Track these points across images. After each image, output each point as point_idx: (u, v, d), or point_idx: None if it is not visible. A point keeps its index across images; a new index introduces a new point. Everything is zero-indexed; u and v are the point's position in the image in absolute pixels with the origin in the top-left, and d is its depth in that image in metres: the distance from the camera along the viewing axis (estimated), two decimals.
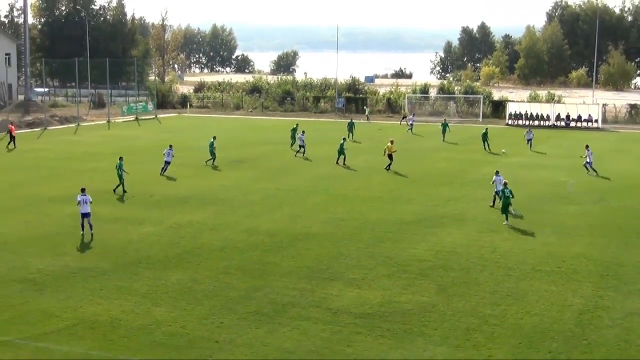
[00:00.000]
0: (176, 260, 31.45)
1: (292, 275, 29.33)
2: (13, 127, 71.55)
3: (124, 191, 45.58)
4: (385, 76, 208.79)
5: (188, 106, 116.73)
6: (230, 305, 25.83)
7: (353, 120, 78.85)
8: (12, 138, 69.10)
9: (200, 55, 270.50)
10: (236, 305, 25.82)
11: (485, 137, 67.43)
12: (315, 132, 74.25)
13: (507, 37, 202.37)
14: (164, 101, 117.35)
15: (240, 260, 31.35)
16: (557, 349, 22.23)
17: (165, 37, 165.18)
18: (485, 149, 66.27)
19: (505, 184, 39.29)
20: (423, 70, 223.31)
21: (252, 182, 50.20)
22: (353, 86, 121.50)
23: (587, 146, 54.78)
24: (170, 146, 54.00)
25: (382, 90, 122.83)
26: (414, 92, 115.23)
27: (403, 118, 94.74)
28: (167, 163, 53.15)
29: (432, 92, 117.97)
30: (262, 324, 24.13)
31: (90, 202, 35.26)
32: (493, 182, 42.55)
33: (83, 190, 35.68)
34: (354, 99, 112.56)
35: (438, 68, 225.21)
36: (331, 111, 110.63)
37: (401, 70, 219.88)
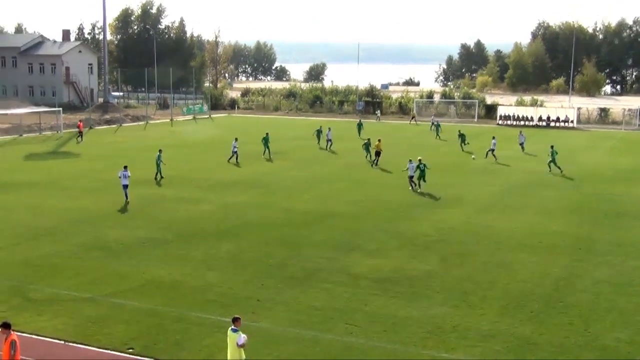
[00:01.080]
0: (226, 233, 31.52)
1: (321, 246, 29.31)
2: (81, 124, 71.32)
3: (161, 177, 45.59)
4: (397, 84, 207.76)
5: (236, 108, 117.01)
6: (270, 271, 25.85)
7: (362, 121, 77.27)
8: (80, 134, 69.31)
9: (246, 66, 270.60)
10: (275, 271, 25.85)
11: (462, 137, 63.34)
12: (340, 130, 74.00)
13: (498, 52, 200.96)
14: (216, 103, 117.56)
15: (278, 234, 31.36)
16: (538, 309, 22.07)
17: (218, 51, 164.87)
18: (461, 149, 62.90)
19: (420, 160, 41.72)
20: (429, 79, 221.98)
21: (288, 170, 50.18)
22: (371, 92, 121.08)
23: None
24: (236, 139, 54.65)
25: (394, 95, 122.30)
26: (421, 97, 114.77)
27: (412, 118, 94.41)
28: (235, 153, 53.67)
29: (436, 97, 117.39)
30: (296, 286, 24.14)
31: (129, 177, 38.05)
32: (407, 169, 42.69)
33: (125, 167, 38.62)
34: (371, 102, 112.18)
35: (441, 77, 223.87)
36: (352, 112, 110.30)
37: (411, 79, 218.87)
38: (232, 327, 16.15)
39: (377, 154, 52.17)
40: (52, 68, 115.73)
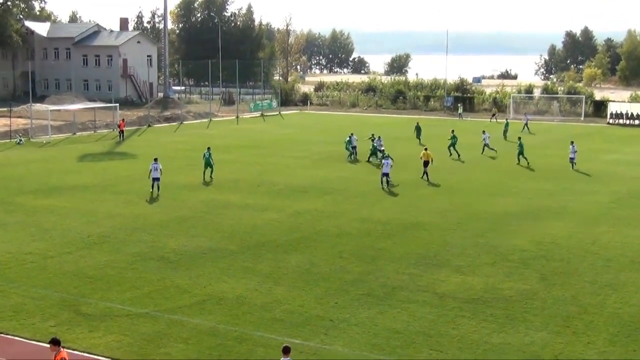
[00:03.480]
0: (296, 244, 31.65)
1: (402, 260, 29.14)
2: (123, 122, 72.26)
3: (211, 177, 46.70)
4: (492, 77, 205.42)
5: (308, 104, 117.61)
6: (345, 287, 25.82)
7: (419, 125, 71.18)
8: (121, 133, 70.66)
9: (320, 57, 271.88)
10: (350, 287, 25.80)
11: (418, 131, 66.53)
12: (427, 128, 73.41)
13: (609, 41, 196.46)
14: (286, 99, 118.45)
15: (354, 246, 31.32)
16: None
17: (289, 41, 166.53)
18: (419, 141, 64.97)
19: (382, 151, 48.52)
20: (528, 72, 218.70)
21: (365, 174, 50.10)
22: (461, 86, 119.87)
23: (572, 142, 52.18)
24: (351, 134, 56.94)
25: (488, 90, 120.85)
26: (519, 92, 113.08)
27: (493, 115, 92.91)
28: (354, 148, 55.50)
29: (536, 92, 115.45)
30: (374, 305, 24.04)
31: (160, 170, 41.74)
32: (382, 165, 45.42)
33: (156, 159, 42.40)
34: (461, 98, 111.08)
35: (542, 70, 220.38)
36: (440, 109, 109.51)
37: (507, 72, 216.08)
38: (283, 358, 16.16)
39: (425, 164, 48.01)
40: (109, 60, 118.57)
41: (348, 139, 57.90)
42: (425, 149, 49.45)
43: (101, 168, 52.60)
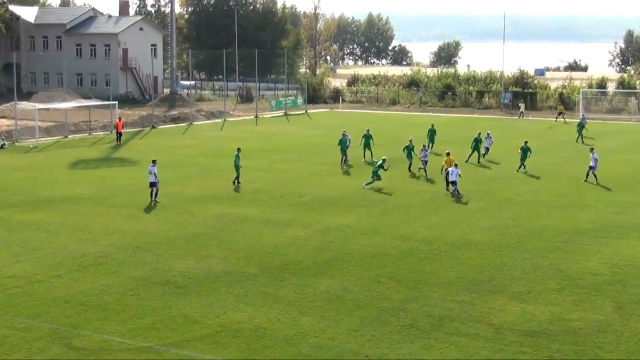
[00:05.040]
0: (325, 266, 31.65)
1: (451, 286, 29.05)
2: (120, 123, 72.37)
3: (238, 182, 48.04)
4: (558, 69, 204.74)
5: (340, 101, 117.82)
6: (383, 317, 25.78)
7: (434, 127, 67.88)
8: (119, 135, 70.95)
9: (355, 46, 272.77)
10: (389, 317, 25.76)
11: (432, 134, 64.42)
12: (482, 129, 73.23)
13: None
14: (314, 95, 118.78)
15: (394, 269, 31.27)
16: None
17: (318, 26, 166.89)
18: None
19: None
20: (600, 63, 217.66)
21: (408, 183, 50.04)
22: (521, 80, 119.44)
23: (591, 149, 50.91)
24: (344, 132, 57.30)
25: (553, 85, 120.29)
26: (590, 86, 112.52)
27: (559, 114, 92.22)
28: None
29: (611, 87, 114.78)
30: (417, 338, 23.97)
31: (155, 174, 42.91)
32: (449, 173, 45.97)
33: (154, 161, 43.43)
34: (521, 93, 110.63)
35: (617, 60, 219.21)
36: (496, 107, 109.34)
37: (575, 62, 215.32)
38: None
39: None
40: (106, 50, 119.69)
41: (343, 138, 57.28)
42: (448, 154, 48.27)
43: (97, 177, 52.96)
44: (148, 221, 39.57)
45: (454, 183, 45.57)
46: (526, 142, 53.92)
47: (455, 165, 46.04)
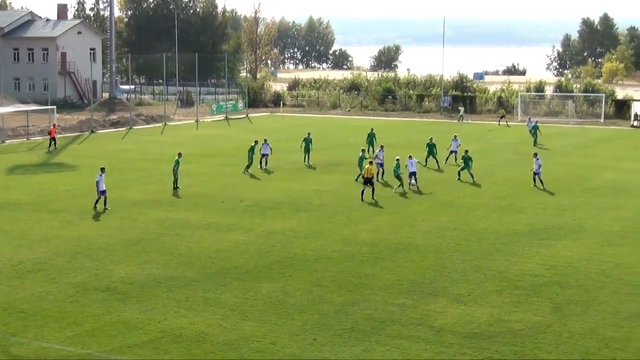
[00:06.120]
0: (266, 270, 31.62)
1: (392, 289, 29.17)
2: (54, 129, 72.08)
3: (177, 187, 48.30)
4: (496, 72, 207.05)
5: (281, 105, 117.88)
6: (324, 321, 25.82)
7: (373, 131, 68.38)
8: (53, 140, 70.40)
9: (295, 50, 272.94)
10: (330, 321, 25.80)
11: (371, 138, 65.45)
12: (422, 134, 73.84)
13: (632, 30, 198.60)
14: (255, 99, 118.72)
15: (335, 272, 31.33)
16: None
17: (258, 30, 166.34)
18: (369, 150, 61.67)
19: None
20: (538, 66, 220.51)
21: (349, 187, 50.15)
22: (460, 84, 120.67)
23: (535, 154, 51.26)
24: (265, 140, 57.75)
25: (492, 88, 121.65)
26: (528, 90, 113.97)
27: (501, 117, 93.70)
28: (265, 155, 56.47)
29: (548, 90, 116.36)
30: (359, 342, 24.04)
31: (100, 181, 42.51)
32: (407, 165, 48.41)
33: (102, 169, 43.44)
34: (461, 97, 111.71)
35: (555, 64, 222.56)
36: (436, 111, 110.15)
37: (513, 66, 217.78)
38: None
39: (367, 182, 45.67)
40: (44, 54, 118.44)
41: (253, 145, 56.28)
42: (370, 163, 47.28)
43: (35, 182, 52.36)
44: (87, 227, 39.19)
45: (414, 174, 48.37)
46: (467, 151, 52.99)
47: (410, 156, 48.53)
